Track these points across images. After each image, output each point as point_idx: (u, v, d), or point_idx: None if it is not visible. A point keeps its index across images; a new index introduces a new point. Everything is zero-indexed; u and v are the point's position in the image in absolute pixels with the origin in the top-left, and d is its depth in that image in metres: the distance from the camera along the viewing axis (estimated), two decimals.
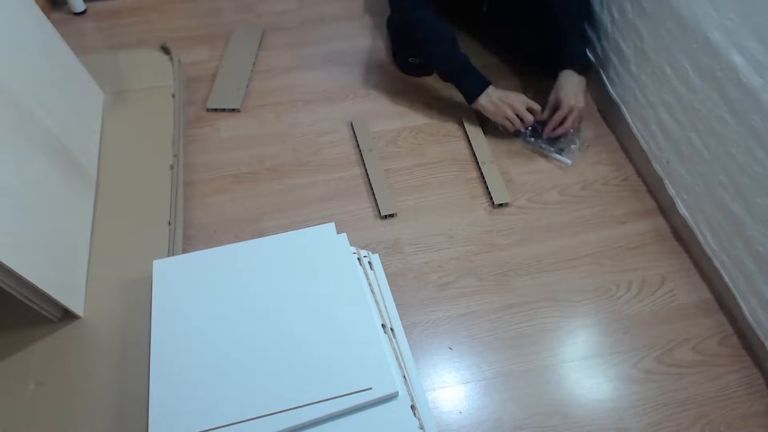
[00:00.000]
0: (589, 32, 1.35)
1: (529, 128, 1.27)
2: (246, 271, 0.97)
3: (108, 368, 0.94)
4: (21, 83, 0.99)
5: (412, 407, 0.88)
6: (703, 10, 0.97)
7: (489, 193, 1.21)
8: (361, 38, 1.55)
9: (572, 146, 1.26)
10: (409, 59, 1.45)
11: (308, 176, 1.26)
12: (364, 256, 1.06)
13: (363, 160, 1.27)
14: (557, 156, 1.25)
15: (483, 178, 1.23)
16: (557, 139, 1.26)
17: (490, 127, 1.32)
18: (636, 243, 1.13)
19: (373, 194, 1.21)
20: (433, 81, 1.44)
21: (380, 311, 0.97)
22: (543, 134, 1.25)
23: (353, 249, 1.05)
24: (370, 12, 1.63)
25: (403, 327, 1.01)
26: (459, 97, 1.36)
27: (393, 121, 1.35)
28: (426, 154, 1.29)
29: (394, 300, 1.04)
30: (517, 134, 1.29)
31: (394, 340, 0.95)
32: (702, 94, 1.01)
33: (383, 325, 0.94)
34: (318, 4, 1.68)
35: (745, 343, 0.99)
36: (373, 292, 0.99)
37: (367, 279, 1.00)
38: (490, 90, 1.24)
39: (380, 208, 1.18)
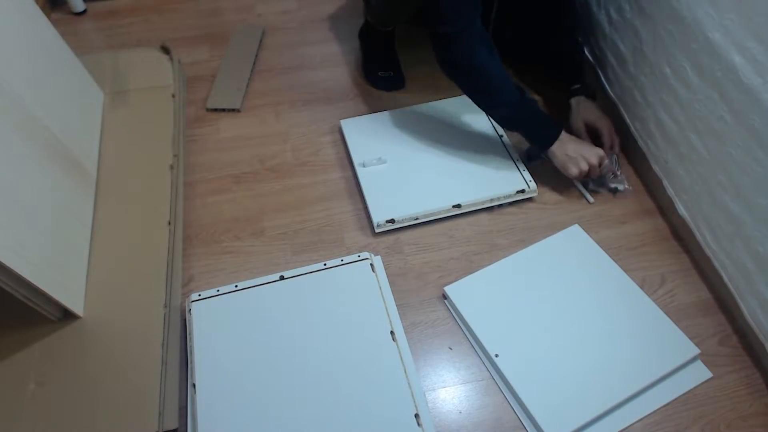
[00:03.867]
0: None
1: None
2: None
3: (108, 368, 0.94)
4: (21, 83, 0.99)
5: (416, 416, 0.88)
6: (703, 10, 0.97)
7: None
8: None
9: (620, 180, 1.19)
10: (379, 73, 1.42)
11: (308, 176, 1.26)
12: (365, 258, 1.07)
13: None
14: (618, 189, 1.19)
15: None
16: (606, 180, 1.19)
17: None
18: (636, 243, 1.13)
19: None
20: (432, 82, 1.44)
21: (388, 316, 0.99)
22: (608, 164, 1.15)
23: (357, 255, 1.08)
24: None
25: (403, 327, 1.01)
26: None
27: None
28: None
29: (395, 300, 1.04)
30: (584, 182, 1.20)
31: (395, 342, 0.96)
32: (701, 94, 1.01)
33: (392, 332, 0.97)
34: (318, 4, 1.68)
35: (745, 343, 0.99)
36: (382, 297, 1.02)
37: (380, 291, 1.03)
38: (564, 137, 1.12)
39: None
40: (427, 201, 1.15)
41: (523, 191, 1.17)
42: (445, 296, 1.05)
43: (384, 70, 1.42)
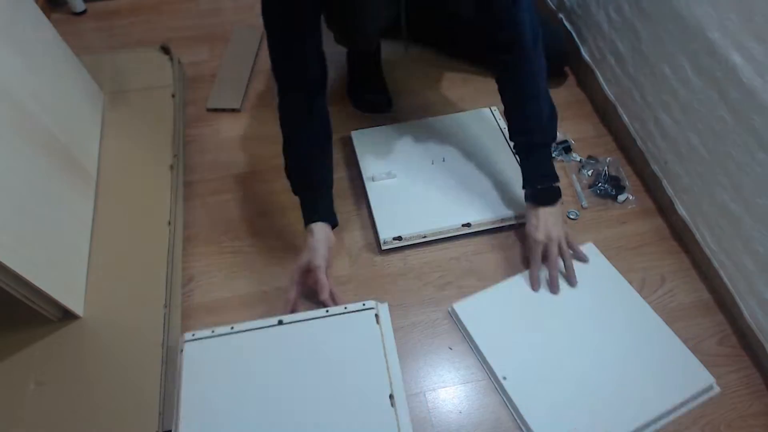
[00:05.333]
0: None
1: None
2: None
3: (108, 368, 0.94)
4: (21, 83, 0.99)
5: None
6: (703, 10, 0.97)
7: None
8: None
9: (626, 190, 1.20)
10: (365, 96, 1.36)
11: None
12: (371, 308, 0.99)
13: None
14: (618, 202, 1.18)
15: None
16: (611, 190, 1.19)
17: None
18: (636, 243, 1.13)
19: None
20: (433, 81, 1.44)
21: (389, 377, 0.91)
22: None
23: (362, 304, 0.99)
24: None
25: (403, 327, 1.01)
26: (456, 98, 1.36)
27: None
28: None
29: (395, 299, 1.04)
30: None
31: (393, 408, 0.88)
32: (701, 94, 1.01)
33: (391, 396, 0.89)
34: None
35: (745, 343, 0.99)
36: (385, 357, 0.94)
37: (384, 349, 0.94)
38: (318, 232, 1.00)
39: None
40: (436, 219, 1.12)
41: None
42: (452, 314, 1.02)
43: (369, 92, 1.37)
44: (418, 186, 1.18)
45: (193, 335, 0.96)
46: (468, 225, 1.12)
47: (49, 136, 1.03)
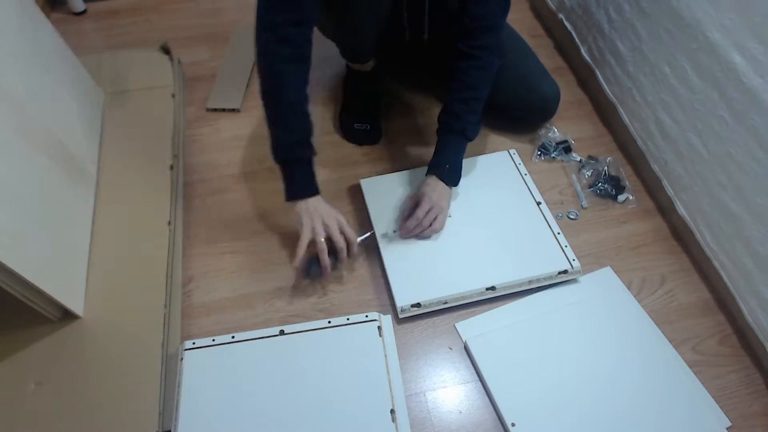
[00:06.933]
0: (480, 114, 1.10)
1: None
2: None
3: (108, 368, 0.94)
4: (21, 83, 0.99)
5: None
6: (703, 10, 0.97)
7: None
8: None
9: (626, 190, 1.19)
10: (355, 125, 1.31)
11: None
12: (374, 320, 0.99)
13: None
14: (618, 202, 1.18)
15: None
16: (611, 190, 1.18)
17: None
18: (636, 243, 1.13)
19: None
20: (434, 81, 1.44)
21: (390, 391, 0.91)
22: (399, 232, 1.08)
23: (364, 315, 0.99)
24: None
25: (404, 327, 1.01)
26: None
27: (394, 120, 1.36)
28: (427, 153, 1.29)
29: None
30: (306, 273, 1.03)
31: (394, 423, 0.88)
32: (701, 94, 1.01)
33: (392, 411, 0.89)
34: None
35: (745, 343, 0.99)
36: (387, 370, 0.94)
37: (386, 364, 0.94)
38: (315, 200, 1.00)
39: None
40: (457, 281, 1.02)
41: (565, 272, 1.04)
42: (466, 347, 1.00)
43: (360, 122, 1.31)
44: (435, 243, 1.08)
45: (194, 343, 0.96)
46: (493, 288, 1.02)
47: (49, 136, 1.03)
